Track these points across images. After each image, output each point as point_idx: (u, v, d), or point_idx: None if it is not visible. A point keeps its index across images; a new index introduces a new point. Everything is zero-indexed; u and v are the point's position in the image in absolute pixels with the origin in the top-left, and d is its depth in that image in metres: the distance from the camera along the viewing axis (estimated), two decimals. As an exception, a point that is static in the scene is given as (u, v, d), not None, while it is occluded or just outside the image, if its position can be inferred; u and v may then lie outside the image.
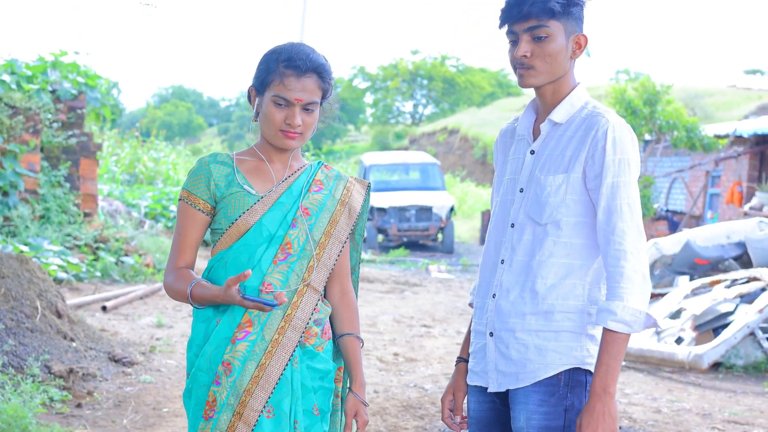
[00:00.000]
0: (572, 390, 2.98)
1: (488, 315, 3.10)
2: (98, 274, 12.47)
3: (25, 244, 11.82)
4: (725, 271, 11.40)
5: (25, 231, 12.41)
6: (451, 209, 23.08)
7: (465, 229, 28.45)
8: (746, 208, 17.90)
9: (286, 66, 2.97)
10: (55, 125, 13.79)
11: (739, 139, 19.96)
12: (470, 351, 3.21)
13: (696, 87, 50.53)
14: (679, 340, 9.75)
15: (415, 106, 68.84)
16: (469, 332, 3.26)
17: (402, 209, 22.54)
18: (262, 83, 3.01)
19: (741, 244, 11.58)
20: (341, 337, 3.16)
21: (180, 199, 3.07)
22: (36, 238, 12.21)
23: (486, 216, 26.04)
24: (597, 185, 2.92)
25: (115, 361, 7.56)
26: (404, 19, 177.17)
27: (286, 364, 2.95)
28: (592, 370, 2.96)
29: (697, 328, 9.75)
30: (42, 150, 13.75)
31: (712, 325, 9.77)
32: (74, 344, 7.31)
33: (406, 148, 51.61)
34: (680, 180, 22.73)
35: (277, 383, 2.93)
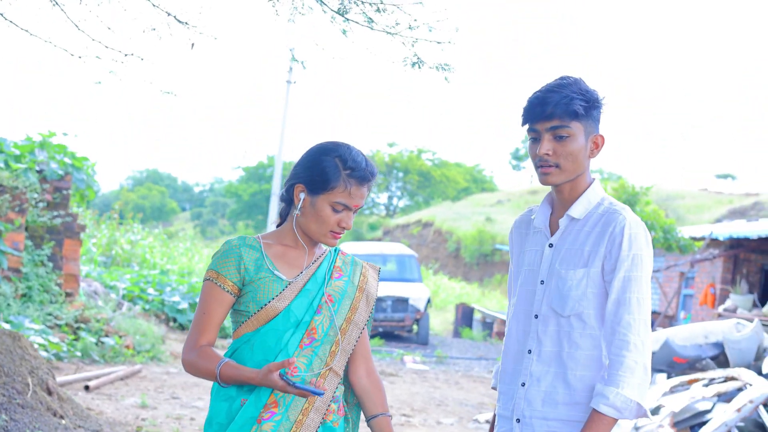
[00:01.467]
0: None
1: (516, 402, 3.19)
2: (78, 353, 12.44)
3: (7, 322, 11.81)
4: (703, 370, 11.56)
5: (7, 309, 12.39)
6: (428, 301, 23.16)
7: (438, 322, 28.52)
8: (720, 309, 18.12)
9: (350, 175, 3.07)
10: (40, 205, 13.87)
11: (714, 242, 20.27)
12: None
13: (668, 189, 51.37)
14: (658, 437, 9.85)
15: (390, 197, 69.31)
16: (494, 417, 3.37)
17: (378, 300, 22.59)
18: (320, 186, 3.07)
19: (719, 345, 11.75)
20: (374, 417, 3.25)
21: (207, 279, 3.09)
22: (17, 316, 12.19)
23: (460, 309, 26.18)
24: (611, 278, 3.04)
25: (103, 441, 7.57)
26: (382, 112, 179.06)
27: None
28: None
29: (675, 425, 9.86)
30: (26, 229, 13.80)
31: (689, 423, 9.89)
32: (63, 422, 7.32)
33: (379, 239, 51.88)
34: (655, 280, 22.98)
35: None
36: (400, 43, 5.71)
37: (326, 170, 3.06)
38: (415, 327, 23.23)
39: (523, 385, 3.18)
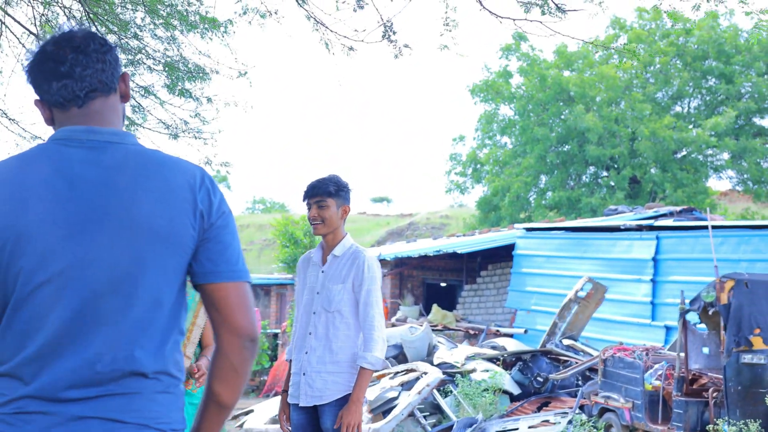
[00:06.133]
0: None
1: (301, 363, 5.36)
2: None
3: None
4: (388, 367, 14.17)
5: None
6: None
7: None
8: (393, 320, 20.96)
9: None
10: None
11: (382, 262, 23.09)
12: (290, 384, 5.47)
13: (331, 215, 54.05)
14: (358, 422, 12.28)
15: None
16: (289, 374, 5.53)
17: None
18: None
19: (398, 346, 14.44)
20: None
21: None
22: None
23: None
24: (359, 291, 5.31)
25: None
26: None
27: None
28: None
29: (372, 411, 12.34)
30: None
31: (382, 409, 12.38)
32: None
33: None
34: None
35: None
36: (196, 149, 7.92)
37: None
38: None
39: (306, 353, 5.36)
